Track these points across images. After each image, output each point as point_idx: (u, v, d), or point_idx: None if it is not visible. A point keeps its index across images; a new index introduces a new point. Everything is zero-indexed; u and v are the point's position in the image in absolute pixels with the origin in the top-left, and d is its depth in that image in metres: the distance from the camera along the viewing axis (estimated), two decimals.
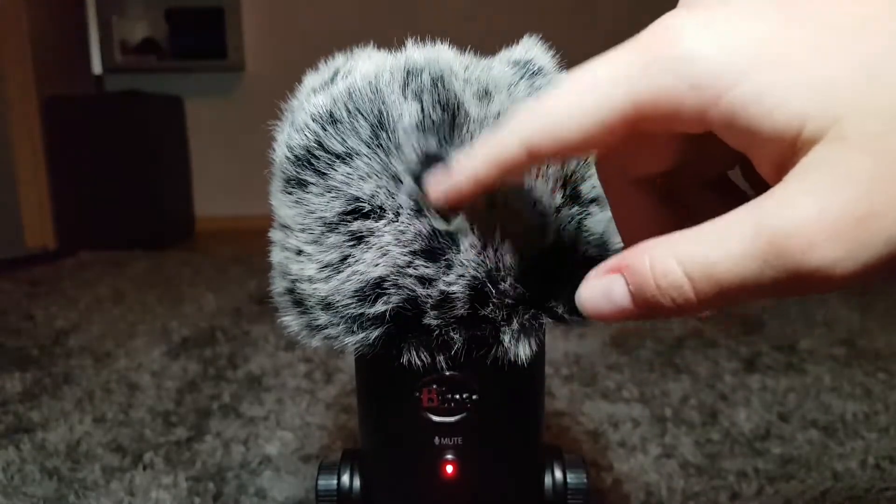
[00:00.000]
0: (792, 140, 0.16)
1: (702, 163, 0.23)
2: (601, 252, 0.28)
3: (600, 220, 0.28)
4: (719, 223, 0.17)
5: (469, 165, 0.22)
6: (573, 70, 0.20)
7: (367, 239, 0.26)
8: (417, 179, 0.25)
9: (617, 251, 0.29)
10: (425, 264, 0.26)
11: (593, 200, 0.28)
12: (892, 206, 0.15)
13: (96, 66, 2.42)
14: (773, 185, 0.17)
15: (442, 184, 0.23)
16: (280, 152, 0.28)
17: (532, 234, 0.26)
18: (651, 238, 0.19)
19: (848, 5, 0.17)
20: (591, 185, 0.28)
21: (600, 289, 0.20)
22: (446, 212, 0.25)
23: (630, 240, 0.26)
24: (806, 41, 0.16)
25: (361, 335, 0.27)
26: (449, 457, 0.30)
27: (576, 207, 0.28)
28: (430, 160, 0.25)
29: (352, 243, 0.26)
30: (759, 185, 0.18)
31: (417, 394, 0.29)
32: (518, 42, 0.29)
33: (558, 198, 0.27)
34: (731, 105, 0.17)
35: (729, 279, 0.17)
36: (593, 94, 0.19)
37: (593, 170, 0.28)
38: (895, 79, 0.15)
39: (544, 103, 0.20)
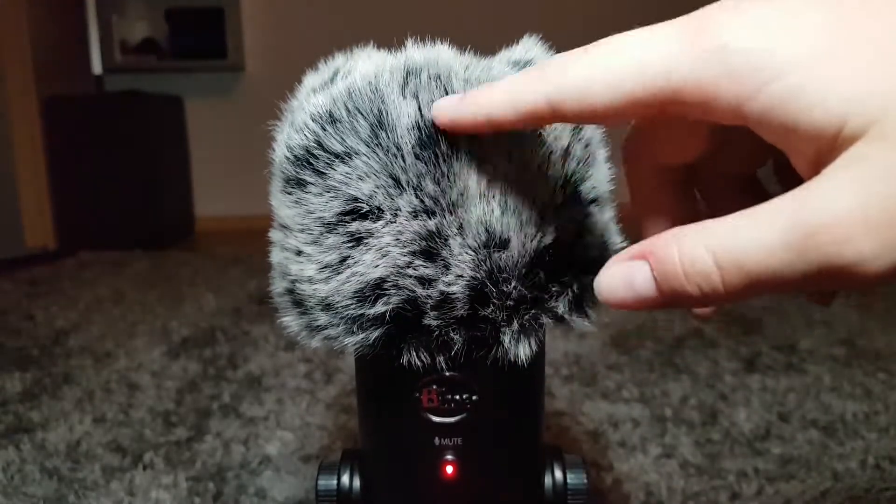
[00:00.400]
0: (832, 137, 0.16)
1: (729, 158, 0.23)
2: (601, 252, 0.28)
3: (600, 220, 0.28)
4: (753, 212, 0.17)
5: (485, 101, 0.21)
6: (613, 35, 0.19)
7: (365, 240, 0.26)
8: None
9: (617, 251, 0.29)
10: (425, 264, 0.26)
11: (593, 201, 0.28)
12: None
13: (96, 66, 2.42)
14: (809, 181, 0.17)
15: (451, 109, 0.22)
16: (279, 152, 0.28)
17: (531, 234, 0.26)
18: (671, 227, 0.19)
19: None
20: (591, 185, 0.28)
21: (621, 275, 0.19)
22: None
23: (646, 226, 0.26)
24: (851, 39, 0.16)
25: (361, 336, 0.27)
26: (449, 457, 0.30)
27: (576, 208, 0.28)
28: None
29: (351, 244, 0.26)
30: (792, 184, 0.18)
31: (417, 394, 0.29)
32: (518, 42, 0.29)
33: (559, 198, 0.27)
34: (769, 99, 0.17)
35: (759, 270, 0.17)
36: (629, 65, 0.18)
37: (593, 170, 0.28)
38: None
39: (577, 63, 0.19)
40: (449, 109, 0.22)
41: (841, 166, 0.16)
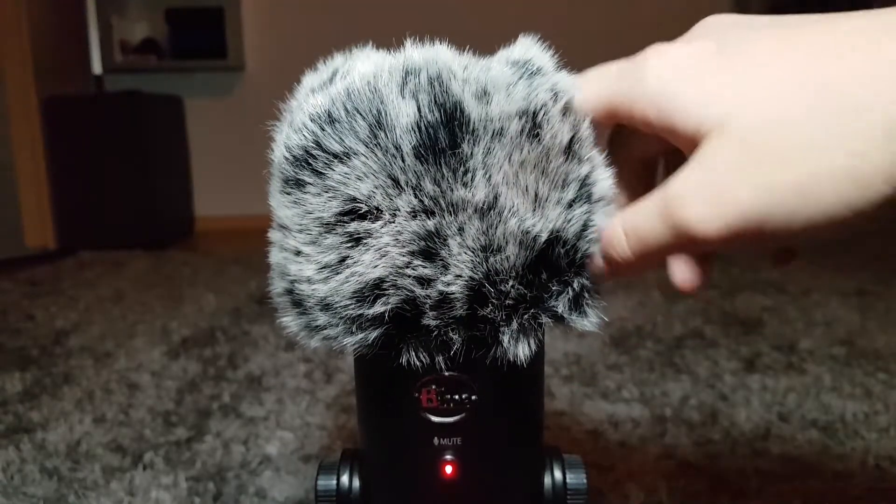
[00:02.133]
0: (693, 134, 0.23)
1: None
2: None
3: (599, 219, 0.28)
4: (647, 196, 0.24)
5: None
6: (602, 64, 0.27)
7: (364, 241, 0.26)
8: None
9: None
10: (424, 264, 0.25)
11: (593, 200, 0.28)
12: (744, 184, 0.21)
13: (96, 66, 2.42)
14: None
15: None
16: (278, 152, 0.28)
17: (531, 234, 0.26)
18: None
19: (760, 40, 0.23)
20: (591, 185, 0.28)
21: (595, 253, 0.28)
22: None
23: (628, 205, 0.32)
24: (716, 64, 0.23)
25: (360, 336, 0.27)
26: (448, 457, 0.30)
27: (585, 206, 0.27)
28: None
29: (349, 245, 0.26)
30: None
31: (417, 394, 0.29)
32: (515, 42, 0.29)
33: (558, 197, 0.27)
34: (657, 109, 0.24)
35: (646, 235, 0.24)
36: (595, 87, 0.27)
37: (593, 170, 0.28)
38: (774, 91, 0.21)
39: (583, 84, 0.28)
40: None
41: (694, 158, 0.23)
